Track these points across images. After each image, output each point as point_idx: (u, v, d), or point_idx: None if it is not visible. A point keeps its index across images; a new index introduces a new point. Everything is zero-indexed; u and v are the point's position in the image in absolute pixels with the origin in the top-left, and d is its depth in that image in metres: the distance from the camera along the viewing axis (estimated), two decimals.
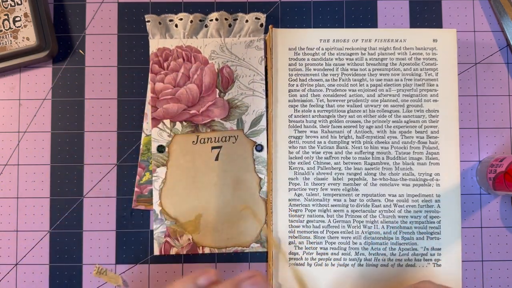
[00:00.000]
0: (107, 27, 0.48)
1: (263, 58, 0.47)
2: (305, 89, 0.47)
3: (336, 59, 0.47)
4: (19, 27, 0.46)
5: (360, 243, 0.45)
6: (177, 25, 0.47)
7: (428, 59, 0.47)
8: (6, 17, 0.46)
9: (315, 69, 0.47)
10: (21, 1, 0.46)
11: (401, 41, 0.47)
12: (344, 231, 0.45)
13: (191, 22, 0.47)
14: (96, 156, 0.48)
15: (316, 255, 0.45)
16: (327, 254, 0.45)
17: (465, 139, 0.48)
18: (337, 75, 0.47)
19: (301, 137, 0.46)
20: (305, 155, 0.46)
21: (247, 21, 0.47)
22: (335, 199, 0.46)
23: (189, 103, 0.47)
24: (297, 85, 0.47)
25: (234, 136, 0.47)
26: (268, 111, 0.47)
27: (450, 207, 0.46)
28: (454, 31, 0.47)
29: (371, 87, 0.47)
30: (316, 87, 0.47)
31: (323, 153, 0.46)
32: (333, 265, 0.45)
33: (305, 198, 0.46)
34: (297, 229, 0.46)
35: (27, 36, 0.46)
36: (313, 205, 0.46)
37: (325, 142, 0.46)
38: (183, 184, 0.46)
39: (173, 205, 0.46)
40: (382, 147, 0.46)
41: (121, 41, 0.48)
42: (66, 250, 0.47)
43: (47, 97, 0.48)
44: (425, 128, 0.46)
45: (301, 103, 0.46)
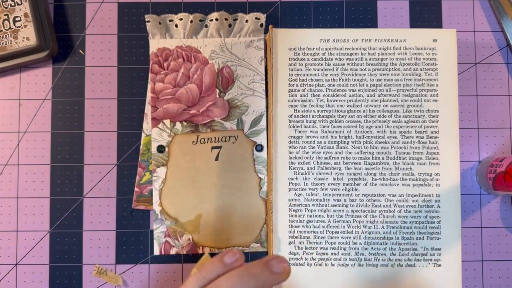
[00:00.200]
0: (107, 27, 0.48)
1: (263, 58, 0.47)
2: (305, 89, 0.47)
3: (336, 59, 0.47)
4: (19, 27, 0.46)
5: (360, 243, 0.45)
6: (177, 25, 0.47)
7: (428, 59, 0.47)
8: (6, 17, 0.46)
9: (315, 69, 0.47)
10: (21, 1, 0.46)
11: (401, 41, 0.47)
12: (344, 231, 0.45)
13: (191, 22, 0.47)
14: (96, 156, 0.48)
15: (316, 255, 0.45)
16: (327, 254, 0.45)
17: (465, 139, 0.48)
18: (337, 75, 0.47)
19: (301, 137, 0.46)
20: (305, 155, 0.46)
21: (247, 21, 0.47)
22: (335, 199, 0.46)
23: (189, 103, 0.47)
24: (297, 85, 0.47)
25: (234, 136, 0.47)
26: (268, 111, 0.47)
27: (450, 207, 0.46)
28: (454, 31, 0.47)
29: (371, 87, 0.46)
30: (316, 87, 0.47)
31: (323, 153, 0.46)
32: (333, 265, 0.45)
33: (305, 198, 0.46)
34: (297, 229, 0.46)
35: (27, 36, 0.46)
36: (313, 205, 0.46)
37: (325, 142, 0.46)
38: (183, 184, 0.46)
39: (173, 205, 0.46)
40: (382, 147, 0.46)
41: (121, 41, 0.48)
42: (66, 250, 0.47)
43: (47, 97, 0.48)
44: (425, 128, 0.46)
45: (301, 103, 0.46)
